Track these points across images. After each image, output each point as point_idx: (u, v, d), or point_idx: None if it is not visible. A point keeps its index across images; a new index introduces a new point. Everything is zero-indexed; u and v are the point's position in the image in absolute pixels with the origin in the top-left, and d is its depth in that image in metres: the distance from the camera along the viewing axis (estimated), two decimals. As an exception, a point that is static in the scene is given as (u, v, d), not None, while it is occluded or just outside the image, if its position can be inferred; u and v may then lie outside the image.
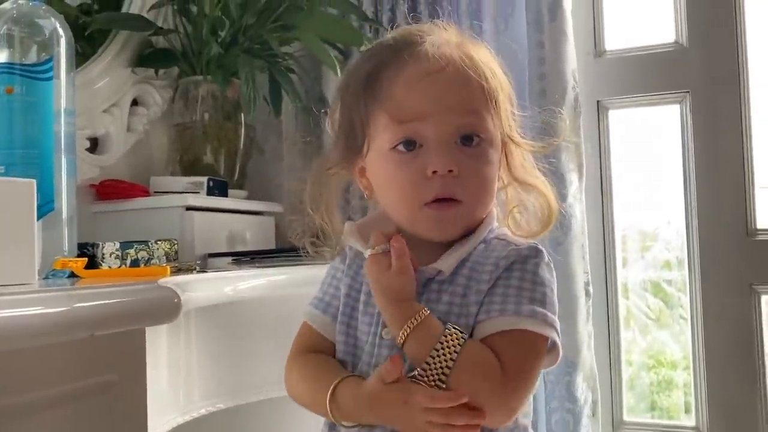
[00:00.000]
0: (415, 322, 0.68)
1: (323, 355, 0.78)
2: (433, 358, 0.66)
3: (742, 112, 1.44)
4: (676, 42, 1.50)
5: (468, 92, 0.73)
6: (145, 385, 0.70)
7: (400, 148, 0.72)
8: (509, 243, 0.74)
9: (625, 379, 1.53)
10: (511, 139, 0.77)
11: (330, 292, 0.80)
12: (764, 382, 1.41)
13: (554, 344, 0.71)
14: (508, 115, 0.76)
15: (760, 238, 1.43)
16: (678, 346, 1.55)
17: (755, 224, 1.44)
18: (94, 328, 0.60)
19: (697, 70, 1.47)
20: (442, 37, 0.75)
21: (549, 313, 0.70)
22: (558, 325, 0.70)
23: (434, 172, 0.71)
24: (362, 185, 0.80)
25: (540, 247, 0.74)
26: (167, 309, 0.71)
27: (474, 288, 0.71)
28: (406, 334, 0.68)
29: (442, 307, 0.71)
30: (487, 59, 0.76)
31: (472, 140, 0.72)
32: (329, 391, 0.72)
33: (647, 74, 1.52)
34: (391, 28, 1.53)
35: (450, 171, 0.71)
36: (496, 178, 0.76)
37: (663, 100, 1.52)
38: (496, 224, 0.78)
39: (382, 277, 0.71)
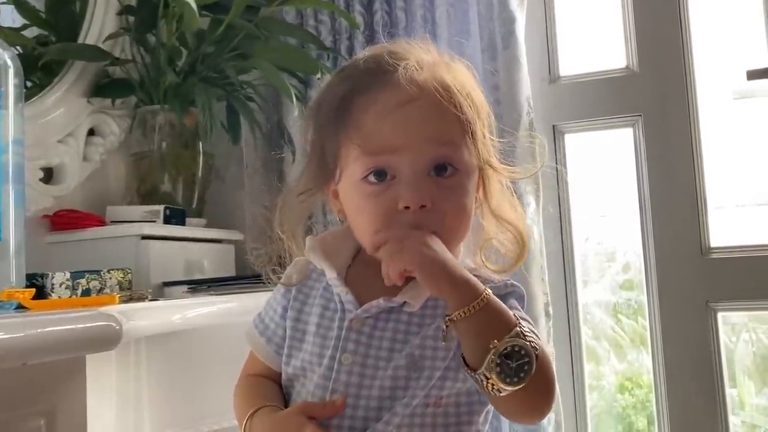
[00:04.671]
0: (481, 304, 0.63)
1: (264, 380, 0.77)
2: (522, 325, 0.63)
3: (692, 133, 1.48)
4: (627, 67, 1.54)
5: (442, 124, 0.69)
6: (85, 414, 0.69)
7: (371, 178, 0.69)
8: (485, 280, 0.69)
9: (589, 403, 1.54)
10: (490, 165, 0.74)
11: (275, 320, 0.78)
12: (723, 398, 1.43)
13: None
14: (486, 142, 0.73)
15: (714, 256, 1.46)
16: (637, 364, 1.56)
17: (709, 243, 1.46)
18: (26, 357, 0.59)
19: (648, 94, 1.51)
20: (416, 62, 0.71)
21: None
22: None
23: (406, 207, 0.68)
24: (335, 207, 0.77)
25: (515, 283, 0.72)
26: (107, 337, 0.70)
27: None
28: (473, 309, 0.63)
29: (417, 341, 0.68)
30: (462, 84, 0.71)
31: (446, 170, 0.69)
32: (245, 419, 0.72)
33: (600, 99, 1.55)
34: (349, 56, 1.54)
35: (423, 206, 0.68)
36: (473, 209, 0.73)
37: (616, 123, 1.56)
38: (467, 261, 0.75)
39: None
